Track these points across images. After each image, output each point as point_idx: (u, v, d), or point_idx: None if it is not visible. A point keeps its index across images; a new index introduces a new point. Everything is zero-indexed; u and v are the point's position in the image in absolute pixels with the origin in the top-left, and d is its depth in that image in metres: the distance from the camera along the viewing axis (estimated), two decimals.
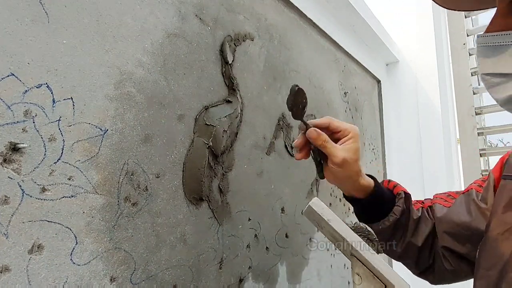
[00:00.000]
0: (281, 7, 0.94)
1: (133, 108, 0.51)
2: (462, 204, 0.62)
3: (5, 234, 0.36)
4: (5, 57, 0.37)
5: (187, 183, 0.59)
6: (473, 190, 0.62)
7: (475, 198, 0.60)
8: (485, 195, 0.59)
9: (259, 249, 0.78)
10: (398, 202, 0.64)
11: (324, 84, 1.15)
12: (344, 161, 0.56)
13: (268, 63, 0.86)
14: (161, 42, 0.57)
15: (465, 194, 0.63)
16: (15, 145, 0.37)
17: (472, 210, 0.59)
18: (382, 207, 0.64)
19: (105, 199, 0.46)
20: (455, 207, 0.63)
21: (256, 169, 0.78)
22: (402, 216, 0.64)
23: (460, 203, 0.63)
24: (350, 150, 0.57)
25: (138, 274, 0.50)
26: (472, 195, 0.61)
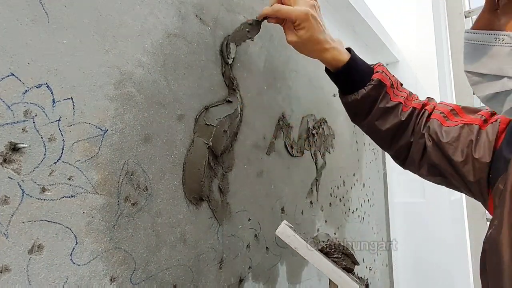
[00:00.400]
0: None
1: (133, 108, 0.51)
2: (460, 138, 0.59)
3: (5, 234, 0.36)
4: (5, 57, 0.37)
5: (187, 183, 0.59)
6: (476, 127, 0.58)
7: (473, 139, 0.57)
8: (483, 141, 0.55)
9: (259, 249, 0.78)
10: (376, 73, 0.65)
11: (324, 84, 1.15)
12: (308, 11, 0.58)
13: (268, 63, 0.86)
14: (161, 42, 0.57)
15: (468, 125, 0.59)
16: (15, 145, 0.37)
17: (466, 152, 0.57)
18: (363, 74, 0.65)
19: (105, 199, 0.46)
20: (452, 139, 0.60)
21: (256, 169, 0.78)
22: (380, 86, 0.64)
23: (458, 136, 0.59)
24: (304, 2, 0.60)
25: (138, 274, 0.50)
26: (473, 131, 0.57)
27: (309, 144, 1.01)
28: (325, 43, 0.65)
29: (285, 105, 0.91)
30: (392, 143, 0.70)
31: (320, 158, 1.07)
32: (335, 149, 1.18)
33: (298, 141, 0.96)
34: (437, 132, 0.62)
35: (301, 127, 0.98)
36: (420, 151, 0.65)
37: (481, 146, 0.56)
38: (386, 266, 1.66)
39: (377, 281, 1.51)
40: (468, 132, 0.59)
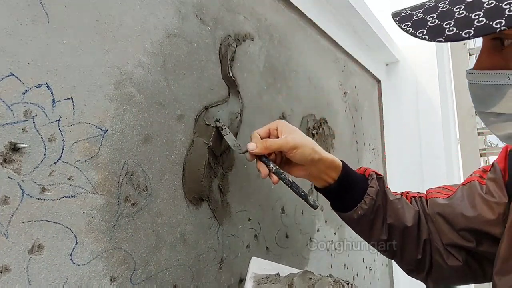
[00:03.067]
0: (281, 7, 0.94)
1: (133, 108, 0.51)
2: (464, 197, 0.58)
3: (5, 234, 0.36)
4: (5, 57, 0.37)
5: (187, 183, 0.59)
6: (476, 182, 0.58)
7: (480, 191, 0.56)
8: (492, 188, 0.55)
9: (259, 249, 0.78)
10: (371, 183, 0.61)
11: (324, 84, 1.15)
12: (293, 140, 0.56)
13: (268, 63, 0.86)
14: (161, 42, 0.57)
15: (466, 186, 0.59)
16: (15, 145, 0.37)
17: (477, 203, 0.56)
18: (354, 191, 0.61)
19: (105, 199, 0.46)
20: (456, 200, 0.59)
21: (256, 170, 0.78)
22: (378, 197, 0.60)
23: (462, 196, 0.59)
24: (288, 132, 0.58)
25: (138, 274, 0.50)
26: (475, 187, 0.57)
27: None
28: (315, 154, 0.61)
29: (285, 105, 0.91)
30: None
31: None
32: (335, 149, 1.18)
33: None
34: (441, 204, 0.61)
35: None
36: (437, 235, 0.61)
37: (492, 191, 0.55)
38: (386, 266, 1.66)
39: (377, 281, 1.50)
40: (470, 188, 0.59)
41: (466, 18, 0.34)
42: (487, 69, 0.39)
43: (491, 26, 0.32)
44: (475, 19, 0.33)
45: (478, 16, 0.33)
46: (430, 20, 0.37)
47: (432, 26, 0.36)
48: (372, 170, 0.66)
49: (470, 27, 0.33)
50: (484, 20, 0.33)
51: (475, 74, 0.40)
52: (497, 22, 0.32)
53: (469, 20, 0.34)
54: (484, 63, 0.40)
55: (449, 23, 0.35)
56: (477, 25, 0.33)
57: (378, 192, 0.61)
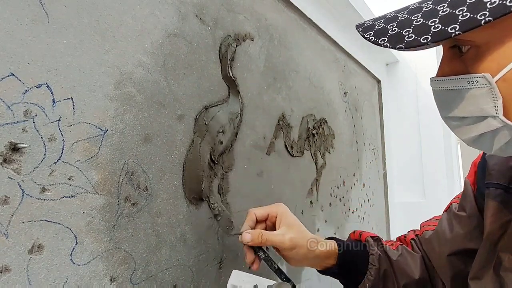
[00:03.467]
0: (281, 7, 0.94)
1: (133, 108, 0.51)
2: (445, 221, 0.60)
3: (5, 234, 0.36)
4: (5, 57, 0.37)
5: (187, 183, 0.59)
6: (453, 204, 0.60)
7: (454, 211, 0.58)
8: (463, 203, 0.57)
9: None
10: (370, 250, 0.60)
11: (324, 84, 1.15)
12: (291, 240, 0.55)
13: (268, 63, 0.86)
14: (161, 42, 0.57)
15: (447, 211, 0.61)
16: (15, 145, 0.37)
17: (453, 223, 0.57)
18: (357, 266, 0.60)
19: (105, 199, 0.46)
20: (439, 228, 0.61)
21: (256, 169, 0.78)
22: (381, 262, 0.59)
23: (443, 220, 0.60)
24: (289, 226, 0.57)
25: (138, 274, 0.50)
26: (452, 209, 0.59)
27: (309, 144, 1.01)
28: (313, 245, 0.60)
29: (285, 105, 0.91)
30: None
31: (320, 158, 1.07)
32: (335, 149, 1.18)
33: (298, 141, 0.96)
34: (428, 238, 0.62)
35: (301, 127, 0.98)
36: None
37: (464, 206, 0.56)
38: None
39: None
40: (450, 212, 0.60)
41: (423, 25, 0.35)
42: (448, 75, 0.40)
43: (446, 31, 0.33)
44: (432, 25, 0.35)
45: (434, 23, 0.35)
46: (390, 29, 0.38)
47: (392, 34, 0.37)
48: (367, 233, 0.65)
49: (427, 33, 0.35)
50: (440, 26, 0.34)
51: (438, 81, 0.41)
52: (452, 27, 0.33)
53: (426, 27, 0.35)
54: (445, 70, 0.40)
55: (408, 31, 0.36)
56: (433, 31, 0.34)
57: (380, 257, 0.60)
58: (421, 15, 0.37)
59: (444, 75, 0.40)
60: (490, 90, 0.35)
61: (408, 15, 0.38)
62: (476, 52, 0.37)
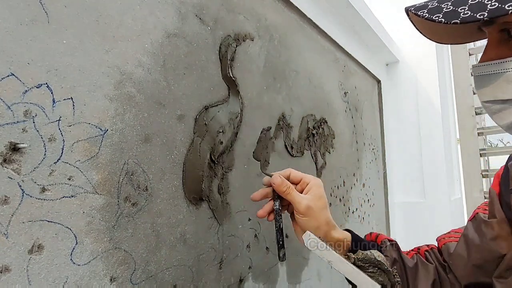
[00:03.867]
0: (281, 7, 0.94)
1: (133, 108, 0.51)
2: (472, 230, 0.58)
3: (5, 234, 0.36)
4: (5, 57, 0.37)
5: (187, 183, 0.59)
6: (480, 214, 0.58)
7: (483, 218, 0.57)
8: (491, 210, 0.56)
9: (259, 249, 0.78)
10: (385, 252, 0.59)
11: (324, 84, 1.15)
12: (308, 208, 0.55)
13: (268, 63, 0.86)
14: (161, 42, 0.57)
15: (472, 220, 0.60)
16: (15, 145, 0.37)
17: (484, 229, 0.56)
18: None
19: (105, 199, 0.46)
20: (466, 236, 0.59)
21: (256, 169, 0.78)
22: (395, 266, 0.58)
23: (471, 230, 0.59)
24: (314, 197, 0.56)
25: (138, 274, 0.50)
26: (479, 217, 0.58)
27: (309, 144, 1.01)
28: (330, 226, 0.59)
29: (285, 105, 0.91)
30: None
31: (320, 158, 1.07)
32: (335, 149, 1.18)
33: (298, 141, 0.96)
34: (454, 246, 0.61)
35: (301, 127, 0.98)
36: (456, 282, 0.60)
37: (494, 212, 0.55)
38: None
39: None
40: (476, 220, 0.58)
41: (479, 3, 0.36)
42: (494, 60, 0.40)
43: (503, 8, 0.35)
44: (488, 3, 0.36)
45: (491, 1, 0.36)
46: (445, 7, 0.39)
47: (447, 11, 0.38)
48: (384, 236, 0.63)
49: (484, 10, 0.36)
50: (497, 4, 0.35)
51: (481, 66, 0.41)
52: (509, 5, 0.34)
53: (482, 4, 0.36)
54: (490, 55, 0.41)
55: (464, 8, 0.37)
56: (490, 8, 0.35)
57: (394, 261, 0.59)
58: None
59: (489, 60, 0.41)
60: None
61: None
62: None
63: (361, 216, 1.38)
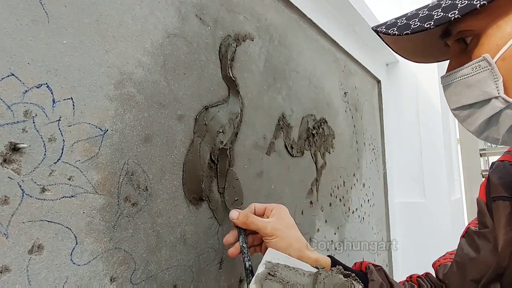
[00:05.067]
0: (281, 7, 0.94)
1: (133, 108, 0.51)
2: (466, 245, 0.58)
3: (5, 234, 0.36)
4: (5, 57, 0.37)
5: (187, 183, 0.59)
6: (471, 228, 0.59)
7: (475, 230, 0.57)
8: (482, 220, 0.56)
9: None
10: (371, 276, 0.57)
11: (324, 84, 1.15)
12: (273, 228, 0.55)
13: (268, 63, 0.86)
14: (161, 42, 0.57)
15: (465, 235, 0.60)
16: (15, 145, 0.37)
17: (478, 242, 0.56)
18: None
19: (105, 199, 0.46)
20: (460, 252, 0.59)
21: (256, 169, 0.78)
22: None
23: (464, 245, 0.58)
24: (277, 218, 0.57)
25: (138, 274, 0.50)
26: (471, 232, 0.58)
27: (309, 144, 1.01)
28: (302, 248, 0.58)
29: (285, 105, 0.91)
30: None
31: (320, 158, 1.07)
32: (335, 149, 1.18)
33: (298, 141, 0.96)
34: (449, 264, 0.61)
35: (301, 127, 0.98)
36: None
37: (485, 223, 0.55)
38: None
39: None
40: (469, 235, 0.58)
41: (428, 15, 0.41)
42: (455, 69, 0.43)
43: (446, 16, 0.38)
44: (435, 14, 0.40)
45: (437, 13, 0.40)
46: (399, 21, 0.44)
47: (401, 25, 0.43)
48: (367, 262, 0.62)
49: (430, 20, 0.40)
50: (442, 14, 0.39)
51: (446, 76, 0.44)
52: (452, 13, 0.38)
53: (430, 16, 0.41)
54: (453, 65, 0.44)
55: (414, 20, 0.42)
56: (436, 18, 0.40)
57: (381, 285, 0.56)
58: (427, 9, 0.43)
59: (452, 70, 0.43)
60: (491, 71, 0.38)
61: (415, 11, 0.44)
62: (477, 41, 0.40)
63: (361, 216, 1.38)
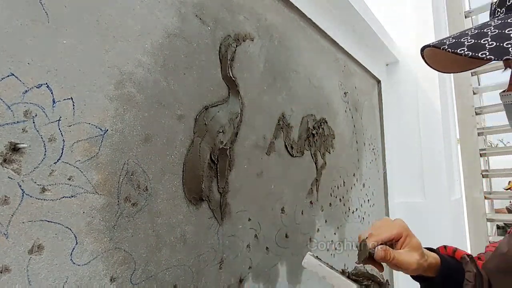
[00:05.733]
0: (281, 7, 0.94)
1: (133, 108, 0.51)
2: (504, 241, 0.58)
3: (5, 234, 0.36)
4: (5, 57, 0.37)
5: (187, 183, 0.59)
6: None
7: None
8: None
9: (259, 249, 0.78)
10: (466, 267, 0.60)
11: (324, 84, 1.15)
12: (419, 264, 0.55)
13: (268, 63, 0.86)
14: (161, 42, 0.57)
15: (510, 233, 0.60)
16: (15, 145, 0.37)
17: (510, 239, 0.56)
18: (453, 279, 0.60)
19: (105, 199, 0.46)
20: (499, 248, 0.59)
21: (256, 169, 0.78)
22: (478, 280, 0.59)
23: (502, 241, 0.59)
24: (412, 247, 0.57)
25: (138, 274, 0.50)
26: None
27: (309, 144, 1.01)
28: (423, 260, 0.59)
29: (285, 105, 0.91)
30: None
31: (320, 158, 1.07)
32: (335, 149, 1.18)
33: (298, 141, 0.96)
34: None
35: (301, 127, 0.98)
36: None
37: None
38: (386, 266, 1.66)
39: None
40: None
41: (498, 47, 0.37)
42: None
43: None
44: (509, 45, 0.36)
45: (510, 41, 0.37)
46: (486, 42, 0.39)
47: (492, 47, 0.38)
48: (462, 251, 0.64)
49: None
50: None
51: (508, 95, 0.44)
52: None
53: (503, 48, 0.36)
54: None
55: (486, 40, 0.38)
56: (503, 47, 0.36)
57: (476, 275, 0.59)
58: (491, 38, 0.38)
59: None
60: None
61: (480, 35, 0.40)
62: None
63: (361, 216, 1.38)
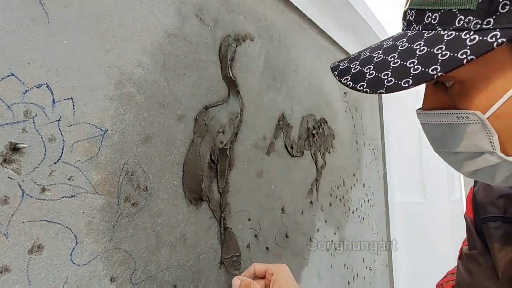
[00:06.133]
0: (281, 7, 0.94)
1: (133, 108, 0.51)
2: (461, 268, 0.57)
3: (5, 234, 0.36)
4: (5, 57, 0.37)
5: (187, 183, 0.59)
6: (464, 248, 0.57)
7: (466, 252, 0.55)
8: (470, 241, 0.54)
9: (259, 249, 0.78)
10: None
11: (324, 84, 1.15)
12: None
13: (268, 63, 0.86)
14: (161, 42, 0.57)
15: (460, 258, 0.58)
16: (15, 145, 0.37)
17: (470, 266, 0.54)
18: None
19: (105, 199, 0.46)
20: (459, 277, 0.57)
21: (256, 169, 0.78)
22: None
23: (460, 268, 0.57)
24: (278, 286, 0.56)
25: (138, 274, 0.50)
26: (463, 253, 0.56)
27: (309, 144, 1.01)
28: None
29: (285, 105, 0.91)
30: None
31: (320, 158, 1.07)
32: (335, 149, 1.18)
33: (298, 141, 0.96)
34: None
35: (301, 127, 0.98)
36: None
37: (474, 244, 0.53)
38: (386, 266, 1.66)
39: (377, 281, 1.51)
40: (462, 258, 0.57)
41: (402, 67, 0.33)
42: (436, 109, 0.37)
43: (427, 74, 0.31)
44: (411, 67, 0.32)
45: (413, 64, 0.32)
46: (368, 72, 0.35)
47: (370, 78, 0.35)
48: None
49: (407, 77, 0.32)
50: (420, 68, 0.32)
51: (425, 114, 0.39)
52: (433, 68, 0.31)
53: (405, 68, 0.33)
54: (431, 103, 0.38)
55: (387, 74, 0.34)
56: (414, 73, 0.32)
57: None
58: (397, 55, 0.34)
59: (430, 109, 0.38)
60: (483, 126, 0.33)
61: (383, 55, 0.36)
62: (461, 87, 0.35)
63: (361, 216, 1.38)
